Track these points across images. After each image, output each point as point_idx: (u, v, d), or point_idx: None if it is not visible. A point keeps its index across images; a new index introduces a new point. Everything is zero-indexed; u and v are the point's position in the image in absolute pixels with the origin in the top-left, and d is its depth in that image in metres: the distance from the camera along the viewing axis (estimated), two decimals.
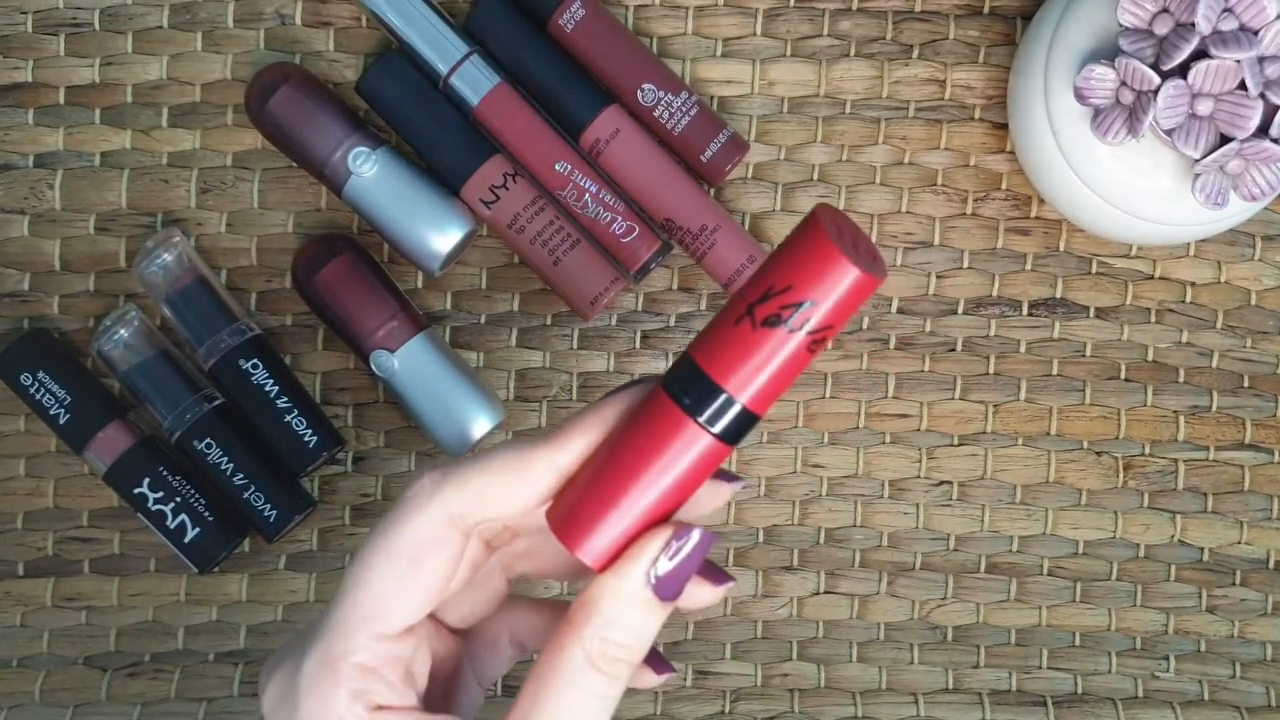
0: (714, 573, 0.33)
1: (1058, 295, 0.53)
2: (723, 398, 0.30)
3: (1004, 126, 0.52)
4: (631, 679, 0.33)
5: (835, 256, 0.28)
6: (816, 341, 0.29)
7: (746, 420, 0.30)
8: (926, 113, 0.52)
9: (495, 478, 0.32)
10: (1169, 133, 0.43)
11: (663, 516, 0.31)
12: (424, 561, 0.32)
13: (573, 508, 0.31)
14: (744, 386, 0.30)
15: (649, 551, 0.31)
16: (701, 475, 0.31)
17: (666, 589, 0.31)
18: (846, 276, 0.29)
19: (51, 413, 0.49)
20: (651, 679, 0.35)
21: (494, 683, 0.39)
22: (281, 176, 0.51)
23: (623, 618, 0.31)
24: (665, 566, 0.31)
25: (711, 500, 0.34)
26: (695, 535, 0.31)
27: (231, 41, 0.51)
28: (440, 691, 0.36)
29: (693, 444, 0.30)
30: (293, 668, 0.32)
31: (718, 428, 0.30)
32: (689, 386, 0.30)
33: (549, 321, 0.53)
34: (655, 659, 0.35)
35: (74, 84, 0.51)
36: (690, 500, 0.32)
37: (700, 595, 0.33)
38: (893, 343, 0.53)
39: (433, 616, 0.36)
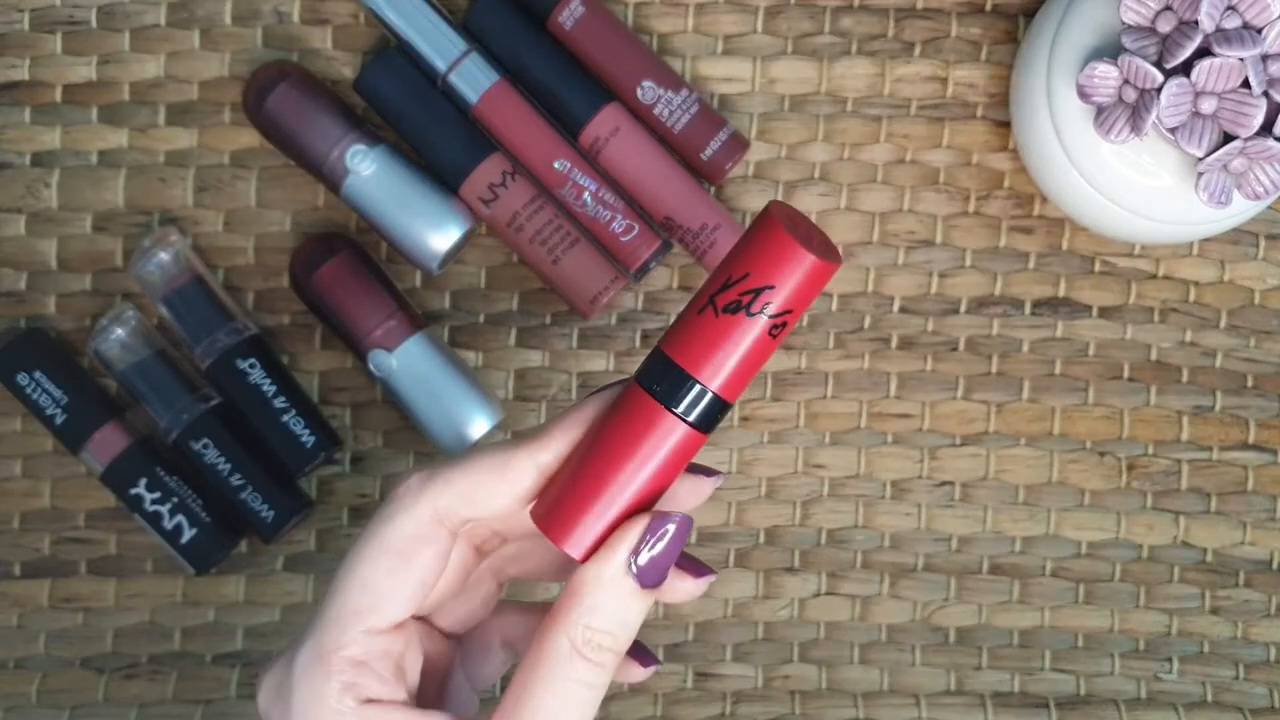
0: (695, 566, 0.34)
1: (1060, 295, 0.53)
2: (693, 386, 0.31)
3: (1006, 125, 0.52)
4: (619, 672, 0.34)
5: (789, 244, 0.30)
6: (778, 327, 0.31)
7: (717, 406, 0.31)
8: (928, 111, 0.52)
9: (479, 476, 0.33)
10: (1172, 131, 0.43)
11: (643, 507, 0.32)
12: (412, 557, 0.33)
13: (556, 502, 0.32)
14: (713, 374, 0.31)
15: (628, 539, 0.31)
16: (679, 463, 0.32)
17: (648, 576, 0.32)
18: (801, 262, 0.30)
19: (48, 413, 0.49)
20: (638, 672, 0.36)
21: (489, 686, 0.39)
22: (279, 175, 0.51)
23: (605, 605, 0.31)
24: (646, 553, 0.31)
25: (692, 496, 0.35)
26: (673, 520, 0.32)
27: (229, 39, 0.51)
28: (433, 691, 0.37)
29: (668, 433, 0.31)
30: (286, 662, 0.33)
31: (692, 416, 0.31)
32: (660, 377, 0.31)
33: (548, 321, 0.52)
34: (640, 652, 0.36)
35: (71, 82, 0.51)
36: (671, 494, 0.33)
37: (683, 588, 0.34)
38: (895, 342, 0.53)
39: (426, 620, 0.36)
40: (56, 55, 0.51)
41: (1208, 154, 0.43)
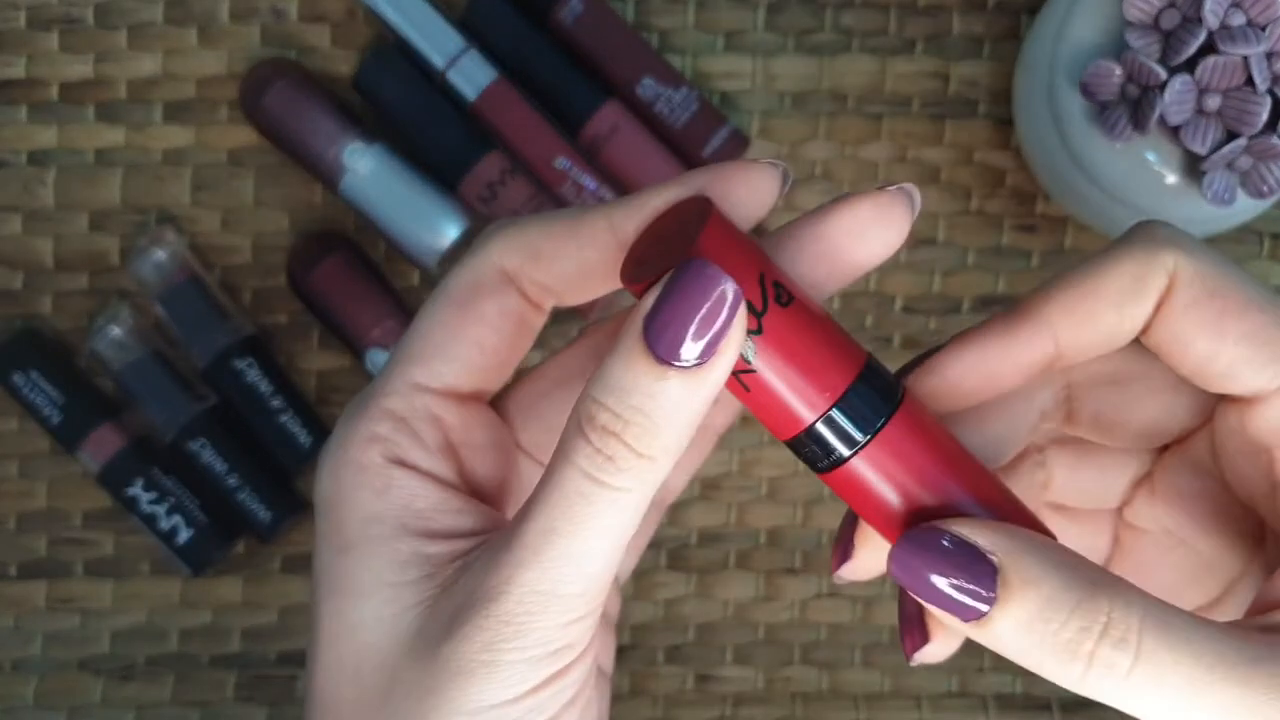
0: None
1: None
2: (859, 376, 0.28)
3: (1008, 122, 0.52)
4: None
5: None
6: (780, 293, 0.28)
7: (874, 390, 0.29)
8: (930, 108, 0.52)
9: (549, 229, 0.28)
10: (1176, 129, 0.43)
11: (977, 469, 0.28)
12: (470, 307, 0.29)
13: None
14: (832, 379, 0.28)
15: (645, 301, 0.25)
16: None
17: (661, 339, 0.24)
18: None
19: (44, 413, 0.49)
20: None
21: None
22: (277, 173, 0.51)
23: (613, 371, 0.25)
24: (657, 309, 0.25)
25: (751, 190, 0.28)
26: (689, 268, 0.25)
27: (226, 37, 0.51)
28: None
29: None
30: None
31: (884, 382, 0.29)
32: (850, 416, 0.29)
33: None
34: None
35: (68, 80, 0.51)
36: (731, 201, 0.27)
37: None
38: (898, 342, 0.52)
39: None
40: (53, 53, 0.51)
41: (1211, 152, 0.43)
